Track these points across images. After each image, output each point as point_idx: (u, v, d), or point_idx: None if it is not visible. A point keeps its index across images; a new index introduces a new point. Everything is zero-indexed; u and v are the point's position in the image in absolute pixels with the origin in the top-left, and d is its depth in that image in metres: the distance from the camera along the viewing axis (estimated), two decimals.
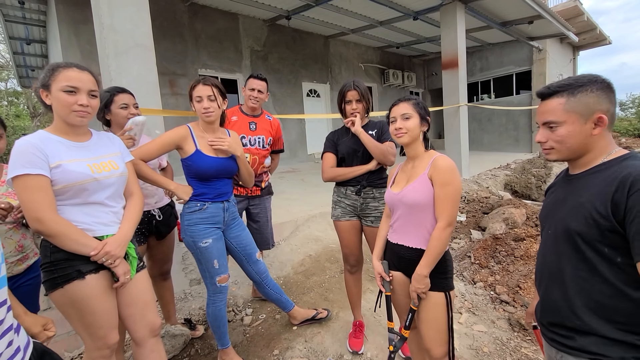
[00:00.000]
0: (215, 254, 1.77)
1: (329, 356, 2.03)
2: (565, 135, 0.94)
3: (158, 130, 2.59)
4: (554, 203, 1.04)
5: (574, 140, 0.93)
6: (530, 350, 2.06)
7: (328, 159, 2.02)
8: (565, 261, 0.94)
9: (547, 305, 1.01)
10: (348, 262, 2.10)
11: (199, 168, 1.71)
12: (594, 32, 10.41)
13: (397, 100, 1.48)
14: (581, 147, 0.94)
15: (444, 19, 6.46)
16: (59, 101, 1.19)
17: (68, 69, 1.20)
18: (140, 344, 1.41)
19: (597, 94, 0.90)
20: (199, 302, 2.64)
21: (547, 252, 1.03)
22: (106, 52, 2.39)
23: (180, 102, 6.51)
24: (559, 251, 0.96)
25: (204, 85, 1.71)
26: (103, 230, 1.27)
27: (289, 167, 8.11)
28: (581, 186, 0.94)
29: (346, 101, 1.94)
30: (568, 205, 0.95)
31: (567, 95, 0.92)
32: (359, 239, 2.06)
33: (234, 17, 7.34)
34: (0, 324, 0.71)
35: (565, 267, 0.94)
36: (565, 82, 0.93)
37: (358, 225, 2.03)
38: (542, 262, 1.05)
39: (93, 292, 1.22)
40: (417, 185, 1.37)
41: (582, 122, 0.91)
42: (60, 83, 1.18)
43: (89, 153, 1.29)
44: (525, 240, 3.20)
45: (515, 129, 10.54)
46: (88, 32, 5.34)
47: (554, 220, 1.00)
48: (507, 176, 7.17)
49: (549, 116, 0.95)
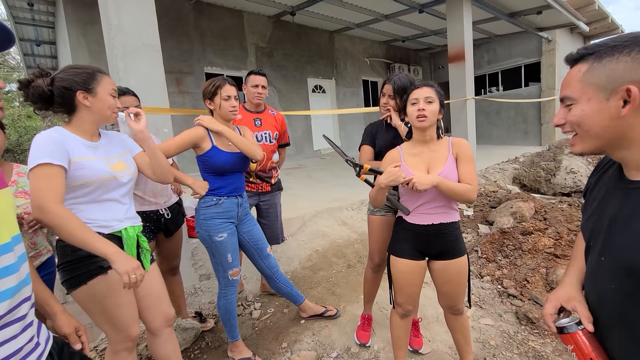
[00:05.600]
0: (230, 247, 1.83)
1: (337, 349, 2.06)
2: (580, 116, 0.69)
3: (166, 128, 2.64)
4: (604, 217, 0.75)
5: (593, 123, 0.68)
6: (537, 343, 2.07)
7: (365, 152, 1.99)
8: (628, 302, 0.68)
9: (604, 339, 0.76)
10: (373, 260, 2.03)
11: (215, 163, 1.79)
12: (605, 21, 10.15)
13: (420, 84, 1.51)
14: (612, 134, 0.67)
15: (450, 11, 6.38)
16: (105, 103, 1.30)
17: (107, 76, 1.33)
18: (156, 333, 1.46)
19: (633, 59, 0.62)
20: (208, 297, 2.70)
21: (602, 284, 0.75)
22: (114, 53, 2.43)
23: (187, 100, 6.58)
24: (619, 287, 0.70)
25: (231, 85, 1.83)
26: (118, 226, 1.32)
27: (295, 164, 8.14)
28: None
29: (382, 93, 1.95)
30: (633, 231, 0.66)
31: (592, 60, 0.68)
32: (388, 236, 1.91)
33: (239, 14, 7.36)
34: (22, 319, 0.74)
35: (629, 309, 0.68)
36: (599, 43, 0.69)
37: (391, 222, 1.91)
38: (596, 295, 0.79)
39: (116, 286, 1.26)
40: (452, 165, 1.48)
41: (602, 97, 0.66)
42: (108, 87, 1.31)
43: (103, 153, 1.33)
44: (534, 234, 3.18)
45: (524, 122, 10.38)
46: (96, 33, 5.42)
47: (610, 244, 0.72)
48: (515, 170, 7.09)
49: (564, 90, 0.72)
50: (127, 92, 1.87)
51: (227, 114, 1.82)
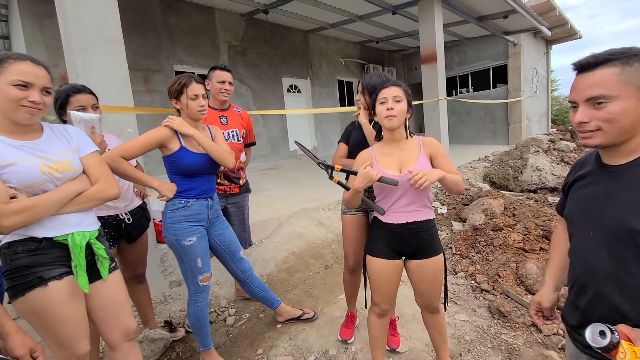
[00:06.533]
0: (199, 252, 1.74)
1: (314, 352, 2.02)
2: (619, 113, 0.78)
3: (131, 128, 2.49)
4: (593, 198, 0.90)
5: (628, 120, 0.79)
6: (509, 336, 2.12)
7: (339, 149, 1.97)
8: (624, 263, 0.83)
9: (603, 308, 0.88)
10: (348, 262, 2.00)
11: (184, 164, 1.69)
12: (565, 26, 10.76)
13: (388, 83, 1.51)
14: (632, 128, 0.80)
15: (422, 13, 6.52)
16: (4, 95, 1.08)
17: (22, 62, 1.10)
18: (115, 348, 1.35)
19: None
20: (179, 305, 2.58)
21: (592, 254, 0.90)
22: (72, 47, 2.26)
23: (156, 99, 6.31)
24: (614, 253, 0.85)
25: (198, 83, 1.72)
26: (64, 230, 1.20)
27: (271, 164, 8.03)
28: (635, 179, 0.82)
29: (358, 90, 1.95)
30: (621, 202, 0.83)
31: (621, 64, 0.78)
32: (361, 235, 1.91)
33: (210, 11, 7.15)
34: None
35: (628, 269, 0.83)
36: (617, 51, 0.80)
37: (363, 221, 1.91)
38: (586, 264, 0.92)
39: (57, 300, 1.15)
40: (424, 163, 1.48)
41: (639, 96, 0.78)
42: (11, 76, 1.08)
43: (39, 152, 1.18)
44: (504, 229, 3.28)
45: (493, 122, 10.81)
46: (53, 27, 5.07)
47: (600, 218, 0.87)
48: (485, 168, 7.35)
49: (598, 89, 0.79)
50: (83, 89, 1.71)
51: (195, 114, 1.72)
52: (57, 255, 1.19)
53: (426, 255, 1.53)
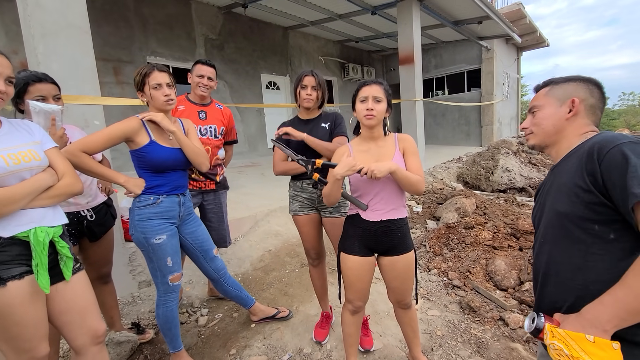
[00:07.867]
0: (169, 251, 1.67)
1: (289, 351, 2.00)
2: (542, 117, 1.02)
3: (97, 120, 2.36)
4: (544, 197, 1.03)
5: (548, 122, 1.00)
6: (478, 330, 2.19)
7: (279, 152, 1.92)
8: (558, 247, 0.93)
9: (547, 296, 0.97)
10: (310, 256, 2.08)
11: (154, 159, 1.61)
12: (534, 34, 11.27)
13: (369, 81, 1.51)
14: (555, 130, 1.00)
15: (401, 15, 6.62)
16: None
17: None
18: (81, 352, 1.27)
19: (576, 84, 0.99)
20: (148, 306, 2.48)
21: (538, 247, 1.02)
22: (31, 33, 2.11)
23: (127, 91, 6.04)
24: (551, 240, 0.95)
25: (160, 71, 1.64)
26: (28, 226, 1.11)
27: (248, 161, 7.90)
28: (562, 170, 0.96)
29: (302, 86, 1.87)
30: (553, 191, 0.97)
31: (552, 85, 1.04)
32: (318, 232, 2.04)
33: (186, 2, 6.93)
34: None
35: (561, 253, 0.92)
36: (553, 78, 1.05)
37: (317, 219, 2.00)
38: (536, 258, 1.03)
39: (16, 301, 1.07)
40: (399, 160, 1.50)
41: (557, 105, 1.00)
42: None
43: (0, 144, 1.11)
44: (475, 228, 3.39)
45: (467, 124, 11.17)
46: (13, 11, 4.73)
47: (545, 212, 0.99)
48: (459, 168, 7.58)
49: (533, 102, 1.06)
50: (45, 78, 1.59)
51: (162, 105, 1.63)
52: (17, 253, 1.10)
53: (398, 252, 1.55)
